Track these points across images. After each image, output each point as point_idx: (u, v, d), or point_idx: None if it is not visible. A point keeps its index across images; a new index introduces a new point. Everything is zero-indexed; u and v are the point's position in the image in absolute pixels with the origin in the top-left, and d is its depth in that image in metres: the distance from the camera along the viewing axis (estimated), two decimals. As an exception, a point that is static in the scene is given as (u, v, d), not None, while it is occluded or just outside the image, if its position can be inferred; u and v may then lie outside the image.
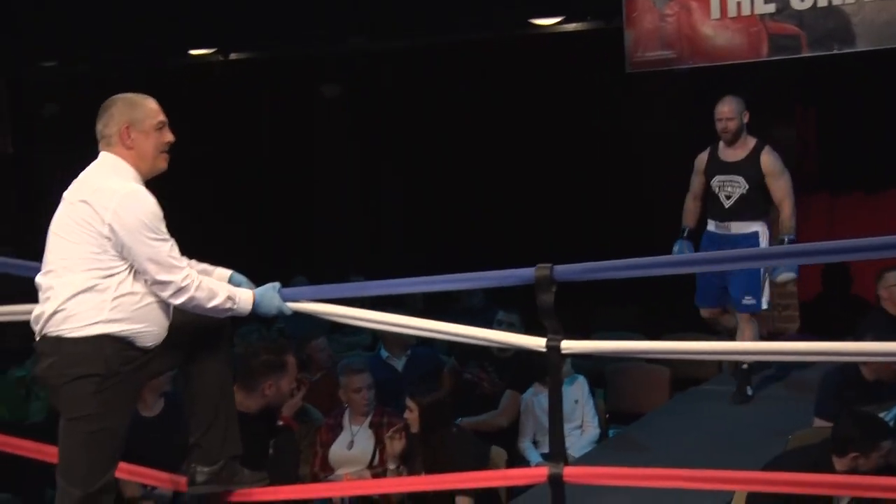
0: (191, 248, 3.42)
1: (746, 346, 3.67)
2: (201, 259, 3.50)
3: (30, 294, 3.37)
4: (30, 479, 5.41)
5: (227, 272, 3.51)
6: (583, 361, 5.72)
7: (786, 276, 5.22)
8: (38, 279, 3.24)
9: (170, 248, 3.17)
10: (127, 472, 3.75)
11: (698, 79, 6.45)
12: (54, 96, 9.84)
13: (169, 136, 3.30)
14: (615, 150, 8.35)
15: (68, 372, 3.11)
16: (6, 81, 10.04)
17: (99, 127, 3.25)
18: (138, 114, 3.24)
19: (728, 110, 5.30)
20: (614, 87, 7.47)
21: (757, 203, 5.33)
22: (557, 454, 3.17)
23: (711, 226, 5.45)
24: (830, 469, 3.56)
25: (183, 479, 3.72)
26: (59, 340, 3.13)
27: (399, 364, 5.78)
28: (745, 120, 5.32)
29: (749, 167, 5.31)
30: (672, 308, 7.24)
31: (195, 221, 6.22)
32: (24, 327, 3.57)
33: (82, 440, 3.13)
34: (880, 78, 6.44)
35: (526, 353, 4.22)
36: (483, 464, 4.31)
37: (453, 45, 7.76)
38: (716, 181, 5.37)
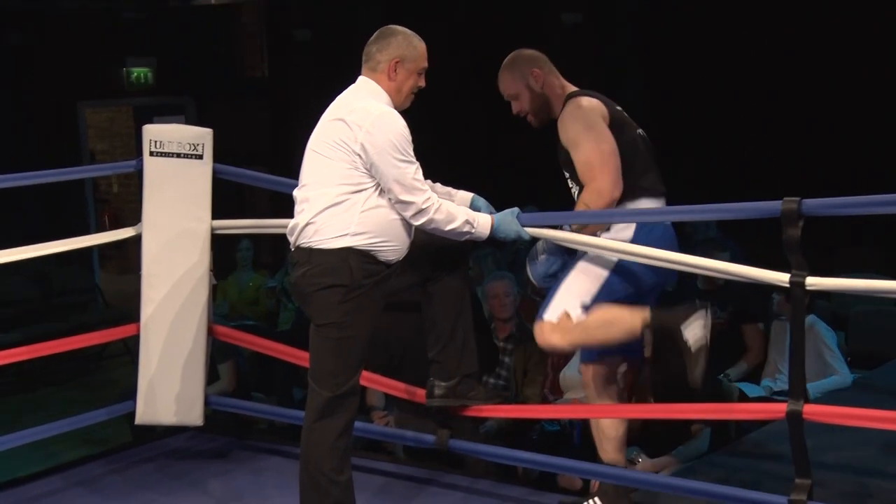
0: (436, 170, 3.55)
1: None
2: (445, 182, 3.63)
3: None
4: (279, 381, 5.82)
5: (468, 195, 3.61)
6: (822, 303, 5.52)
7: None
8: (295, 192, 3.42)
9: (414, 170, 3.28)
10: (368, 380, 3.99)
11: None
12: (306, 22, 10.25)
13: (422, 83, 3.42)
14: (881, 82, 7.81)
15: (318, 281, 3.29)
16: (263, 8, 10.55)
17: (372, 49, 3.38)
18: (411, 53, 3.36)
19: (505, 89, 3.62)
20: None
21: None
22: (797, 391, 3.10)
23: None
24: None
25: (418, 391, 3.91)
26: (311, 251, 3.31)
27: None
28: (538, 86, 3.55)
29: (559, 148, 3.56)
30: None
31: (441, 144, 6.37)
32: (275, 242, 3.81)
33: (329, 346, 3.32)
34: None
35: (738, 286, 4.12)
36: (715, 398, 4.26)
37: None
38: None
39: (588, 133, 3.44)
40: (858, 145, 7.58)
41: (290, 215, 3.42)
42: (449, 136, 8.59)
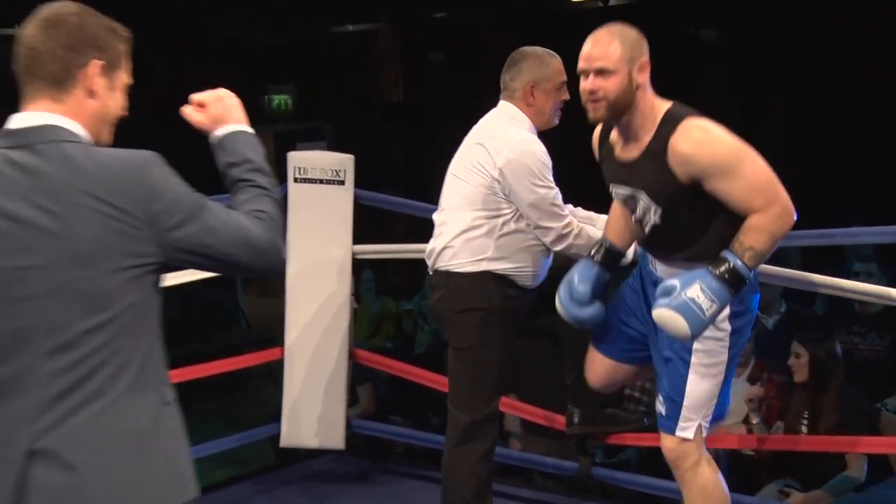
0: (573, 196, 3.50)
1: None
2: (586, 208, 3.57)
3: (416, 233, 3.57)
4: (416, 405, 5.84)
5: None
6: None
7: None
8: (434, 216, 3.43)
9: (553, 195, 3.24)
10: (507, 406, 3.95)
11: None
12: (441, 45, 10.34)
13: (566, 95, 3.35)
14: None
15: (456, 304, 3.29)
16: (399, 33, 10.70)
17: (506, 78, 3.36)
18: (545, 73, 3.32)
19: (602, 55, 2.80)
20: None
21: (689, 236, 2.85)
22: None
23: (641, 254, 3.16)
24: None
25: (558, 418, 3.86)
26: (449, 275, 3.31)
27: (770, 322, 5.57)
28: (640, 78, 2.80)
29: (651, 172, 2.82)
30: None
31: (578, 173, 6.28)
32: (408, 265, 3.81)
33: (468, 370, 3.31)
34: None
35: None
36: (873, 429, 4.06)
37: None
38: (614, 192, 3.02)
39: (748, 155, 2.78)
40: None
41: (426, 239, 3.44)
42: (589, 158, 8.51)
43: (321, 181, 4.17)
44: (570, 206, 3.40)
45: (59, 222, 1.72)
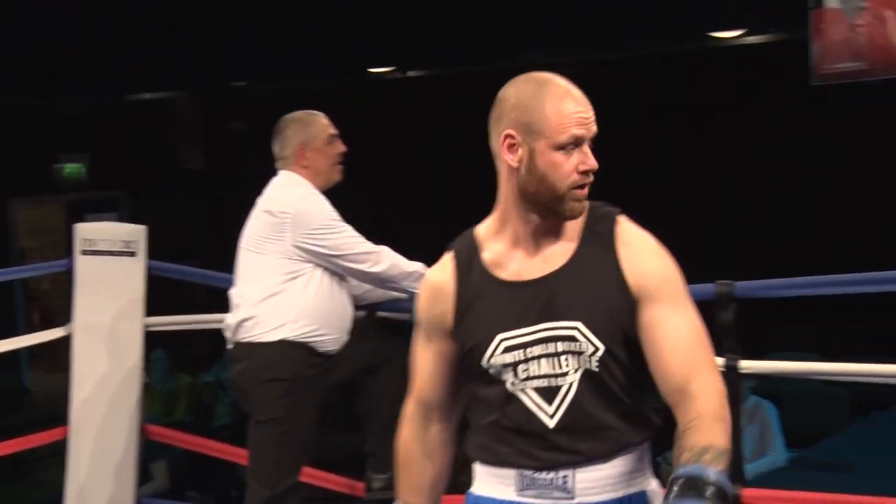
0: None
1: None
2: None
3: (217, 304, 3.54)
4: (216, 480, 5.68)
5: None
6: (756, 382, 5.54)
7: None
8: (230, 291, 3.41)
9: (348, 232, 3.27)
10: (308, 475, 3.89)
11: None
12: (242, 113, 10.30)
13: (340, 147, 3.41)
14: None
15: (258, 376, 3.25)
16: (198, 101, 10.59)
17: (276, 149, 3.40)
18: (310, 132, 3.37)
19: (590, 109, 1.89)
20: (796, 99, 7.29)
21: (620, 405, 1.86)
22: (735, 475, 3.09)
23: (495, 487, 1.92)
24: None
25: (360, 485, 3.83)
26: (249, 346, 3.28)
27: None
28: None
29: (590, 287, 1.85)
30: (848, 328, 6.97)
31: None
32: (213, 336, 3.75)
33: (270, 442, 3.26)
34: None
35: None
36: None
37: (631, 59, 7.74)
38: (501, 355, 1.86)
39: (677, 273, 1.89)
40: None
41: (227, 308, 3.38)
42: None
43: (111, 253, 4.04)
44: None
45: None
